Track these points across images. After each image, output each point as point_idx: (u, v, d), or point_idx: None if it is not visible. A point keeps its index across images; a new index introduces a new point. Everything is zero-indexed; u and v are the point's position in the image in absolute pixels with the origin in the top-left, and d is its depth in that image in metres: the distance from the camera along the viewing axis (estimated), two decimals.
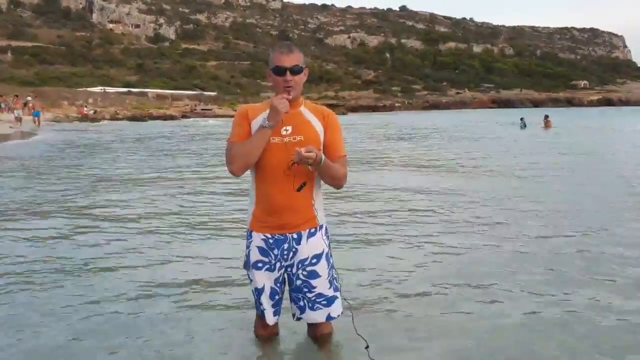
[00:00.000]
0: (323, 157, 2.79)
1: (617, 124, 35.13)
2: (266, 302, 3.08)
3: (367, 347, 3.13)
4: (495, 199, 8.39)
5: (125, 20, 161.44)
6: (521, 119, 29.95)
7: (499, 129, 29.95)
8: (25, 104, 43.16)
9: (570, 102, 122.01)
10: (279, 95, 2.86)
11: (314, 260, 3.03)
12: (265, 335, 3.28)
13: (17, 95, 40.19)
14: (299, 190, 2.91)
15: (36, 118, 34.93)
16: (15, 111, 34.45)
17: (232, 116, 3.11)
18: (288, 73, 2.85)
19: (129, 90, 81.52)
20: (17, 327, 3.62)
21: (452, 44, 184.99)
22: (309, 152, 2.71)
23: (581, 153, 15.71)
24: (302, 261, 3.01)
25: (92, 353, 3.30)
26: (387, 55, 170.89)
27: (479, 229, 6.42)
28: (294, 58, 2.87)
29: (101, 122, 46.13)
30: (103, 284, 4.53)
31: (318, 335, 3.22)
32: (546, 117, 28.88)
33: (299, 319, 3.17)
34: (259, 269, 3.03)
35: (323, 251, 3.06)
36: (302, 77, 2.94)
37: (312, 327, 3.22)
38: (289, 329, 3.40)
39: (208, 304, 4.06)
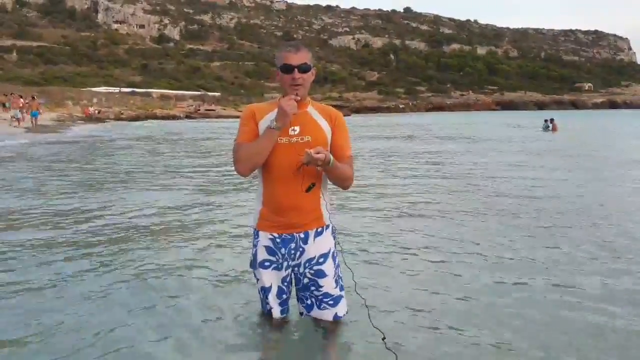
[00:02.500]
0: (332, 158, 2.80)
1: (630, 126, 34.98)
2: (273, 301, 3.09)
3: (384, 339, 3.14)
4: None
5: (130, 20, 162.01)
6: (545, 120, 29.87)
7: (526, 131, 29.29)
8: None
9: (574, 105, 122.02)
10: (287, 96, 2.86)
11: (321, 260, 3.03)
12: (271, 337, 3.28)
13: (14, 94, 36.37)
14: (307, 191, 2.92)
15: (33, 118, 32.26)
16: (12, 110, 32.13)
17: (236, 117, 3.09)
18: (296, 71, 2.86)
19: (133, 91, 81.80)
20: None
21: (456, 46, 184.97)
22: (318, 153, 2.71)
23: None
24: (309, 260, 3.02)
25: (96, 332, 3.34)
26: (392, 56, 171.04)
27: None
28: (302, 56, 2.88)
29: (105, 122, 46.32)
30: (113, 266, 4.56)
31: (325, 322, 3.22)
32: (552, 120, 28.85)
33: (306, 315, 3.18)
34: (266, 268, 3.04)
35: (329, 250, 3.06)
36: (310, 76, 2.94)
37: (318, 323, 3.23)
38: (294, 330, 3.38)
39: (214, 295, 4.08)
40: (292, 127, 2.90)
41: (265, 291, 3.08)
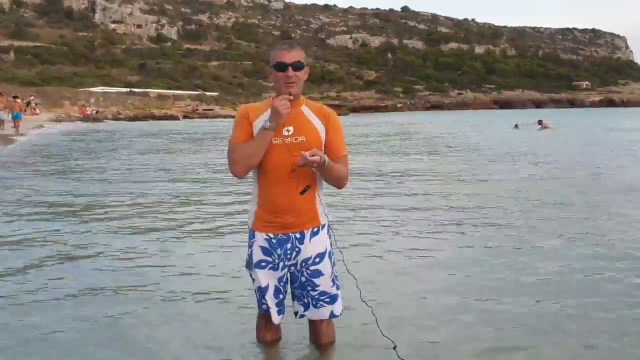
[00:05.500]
0: (327, 159, 2.80)
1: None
2: (270, 301, 3.08)
3: (395, 348, 3.10)
4: None
5: (128, 20, 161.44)
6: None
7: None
8: (28, 104, 42.95)
9: (571, 103, 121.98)
10: (281, 95, 2.86)
11: (317, 260, 3.03)
12: (269, 339, 3.28)
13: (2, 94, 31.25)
14: (302, 193, 2.92)
15: (16, 121, 27.87)
16: None
17: (234, 116, 3.08)
18: (290, 69, 2.85)
19: (130, 90, 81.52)
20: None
21: (454, 45, 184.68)
22: (314, 155, 2.71)
23: None
24: (305, 260, 3.02)
25: (81, 351, 3.32)
26: (389, 55, 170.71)
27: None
28: (296, 54, 2.88)
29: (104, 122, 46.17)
30: (102, 278, 4.55)
31: (320, 340, 3.21)
32: (540, 121, 30.34)
33: (302, 316, 3.16)
34: (263, 268, 3.04)
35: (326, 250, 3.07)
36: (303, 75, 2.94)
37: (315, 326, 3.22)
38: (292, 332, 3.41)
39: (209, 307, 4.08)
40: (286, 128, 2.90)
41: (262, 291, 3.07)
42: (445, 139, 23.24)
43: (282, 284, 3.08)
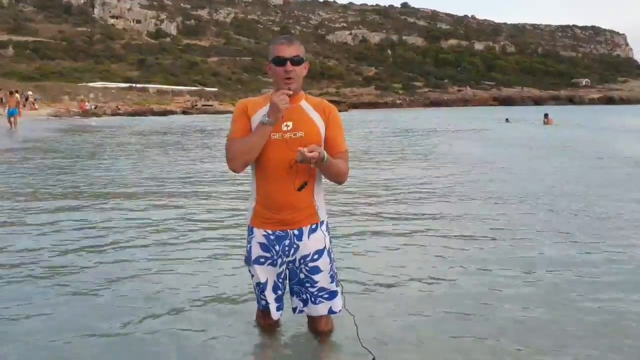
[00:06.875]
0: (325, 155, 2.77)
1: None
2: (270, 297, 3.07)
3: (373, 359, 3.06)
4: None
5: (127, 15, 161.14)
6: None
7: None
8: (26, 99, 42.87)
9: (571, 100, 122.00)
10: (279, 90, 2.82)
11: (316, 256, 3.02)
12: (267, 324, 3.29)
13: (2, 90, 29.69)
14: (300, 189, 2.89)
15: (12, 118, 26.04)
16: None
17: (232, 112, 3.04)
18: (289, 63, 2.82)
19: (131, 86, 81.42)
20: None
21: (453, 41, 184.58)
22: (312, 151, 2.68)
23: None
24: (303, 257, 3.01)
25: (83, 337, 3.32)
26: (389, 52, 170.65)
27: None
28: (295, 49, 2.84)
29: (101, 118, 46.03)
30: (105, 267, 4.53)
31: (319, 330, 3.22)
32: (546, 115, 31.32)
33: (300, 311, 3.16)
34: (261, 264, 3.02)
35: (325, 247, 3.04)
36: (303, 70, 2.90)
37: (313, 321, 3.22)
38: (291, 328, 3.39)
39: (208, 296, 4.06)
40: (285, 123, 2.86)
41: (261, 287, 3.06)
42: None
43: (280, 280, 3.07)
